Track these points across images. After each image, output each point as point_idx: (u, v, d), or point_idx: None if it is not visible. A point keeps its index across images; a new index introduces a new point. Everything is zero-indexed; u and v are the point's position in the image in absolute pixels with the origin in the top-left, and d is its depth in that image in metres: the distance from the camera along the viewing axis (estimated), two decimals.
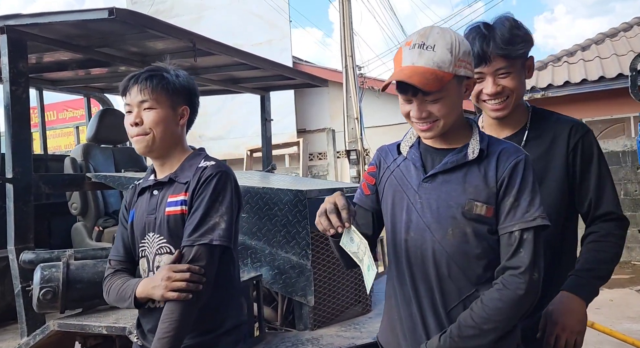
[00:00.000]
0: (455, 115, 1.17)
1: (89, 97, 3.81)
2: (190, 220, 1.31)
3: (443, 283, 1.16)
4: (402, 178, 1.23)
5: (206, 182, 1.33)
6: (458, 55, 1.12)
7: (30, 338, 1.89)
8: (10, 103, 1.92)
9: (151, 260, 1.39)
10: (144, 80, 1.35)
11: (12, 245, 1.93)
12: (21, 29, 1.94)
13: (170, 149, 1.41)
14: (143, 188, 1.45)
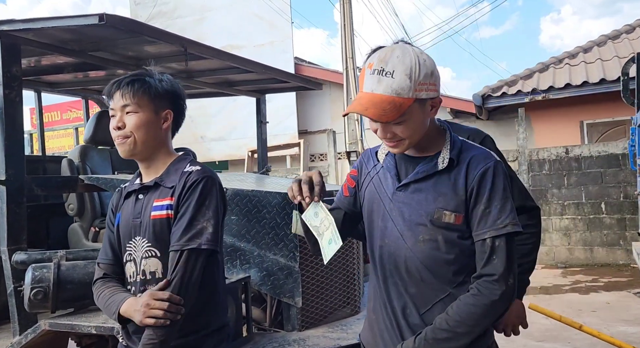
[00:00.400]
0: (420, 132, 1.19)
1: (87, 99, 3.86)
2: (178, 225, 1.34)
3: (416, 288, 1.19)
4: (380, 186, 1.26)
5: (192, 187, 1.36)
6: (418, 79, 1.12)
7: (22, 338, 1.93)
8: (4, 106, 1.96)
9: (138, 263, 1.41)
10: (126, 85, 1.38)
11: (4, 246, 1.97)
12: (14, 34, 1.98)
13: (153, 152, 1.43)
14: (129, 192, 1.47)
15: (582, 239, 6.83)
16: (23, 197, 2.02)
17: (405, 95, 1.12)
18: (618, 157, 6.64)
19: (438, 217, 1.16)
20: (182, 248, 1.31)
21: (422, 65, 1.13)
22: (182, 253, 1.31)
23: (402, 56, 1.13)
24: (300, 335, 2.05)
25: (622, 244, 6.56)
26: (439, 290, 1.18)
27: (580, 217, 6.84)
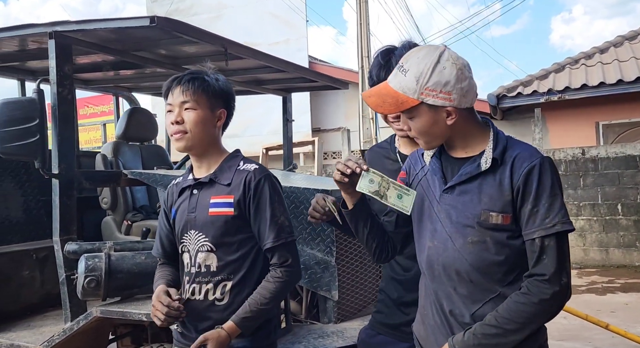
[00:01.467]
0: (432, 136, 1.22)
1: (117, 96, 3.95)
2: (261, 225, 1.45)
3: (465, 289, 1.20)
4: (428, 188, 1.28)
5: (259, 187, 1.45)
6: (425, 84, 1.16)
7: (74, 323, 2.02)
8: (57, 103, 2.06)
9: (193, 256, 1.49)
10: (186, 82, 1.45)
11: (57, 237, 2.06)
12: (67, 34, 2.08)
13: (207, 148, 1.51)
14: (183, 188, 1.55)
15: (598, 240, 6.85)
16: (74, 190, 2.12)
17: (411, 95, 1.17)
18: (635, 159, 6.64)
19: (485, 219, 1.16)
20: (273, 245, 1.43)
21: (436, 72, 1.16)
22: (286, 246, 1.45)
23: (422, 58, 1.17)
24: (337, 327, 2.12)
25: (639, 246, 6.57)
26: (488, 290, 1.18)
27: (596, 218, 6.85)
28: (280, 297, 1.50)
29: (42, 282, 2.63)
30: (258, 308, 1.40)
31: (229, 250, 1.47)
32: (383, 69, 1.50)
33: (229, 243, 1.47)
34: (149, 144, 3.74)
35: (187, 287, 1.51)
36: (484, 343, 1.14)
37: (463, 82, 1.17)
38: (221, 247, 1.46)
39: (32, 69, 2.98)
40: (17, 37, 2.24)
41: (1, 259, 2.49)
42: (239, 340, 1.44)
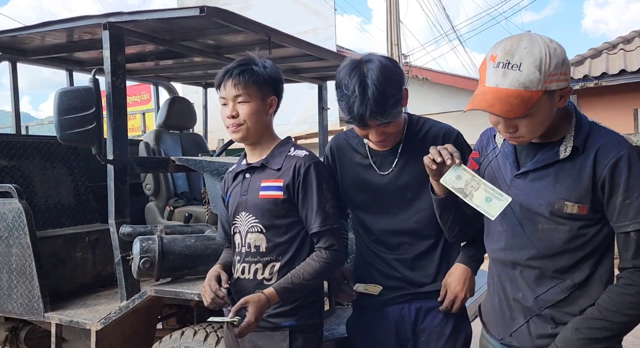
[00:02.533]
0: (545, 125, 1.13)
1: (157, 86, 4.06)
2: (308, 211, 1.50)
3: (531, 274, 1.20)
4: (498, 171, 1.25)
5: (308, 173, 1.51)
6: (548, 70, 1.06)
7: (129, 302, 2.12)
8: (111, 93, 2.14)
9: (243, 236, 1.56)
10: (237, 76, 1.49)
11: (112, 219, 2.16)
12: (120, 26, 2.15)
13: (261, 136, 1.57)
14: (237, 173, 1.62)
15: None
16: (126, 175, 2.21)
17: (534, 88, 1.07)
18: None
19: (559, 208, 1.13)
20: (319, 230, 1.49)
21: (552, 55, 1.07)
22: (331, 231, 1.50)
23: (530, 47, 1.08)
24: None
25: None
26: (554, 277, 1.18)
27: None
28: (322, 277, 1.55)
29: (93, 264, 2.76)
30: (300, 282, 1.45)
31: (278, 232, 1.53)
32: (365, 107, 1.40)
33: (278, 226, 1.53)
34: (188, 132, 3.84)
35: (238, 266, 1.58)
36: (592, 338, 1.13)
37: (566, 58, 1.11)
38: (270, 228, 1.52)
39: (80, 59, 3.10)
40: (71, 28, 2.34)
41: (57, 241, 2.62)
42: (285, 318, 1.51)
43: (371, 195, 1.60)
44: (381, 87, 1.39)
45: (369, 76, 1.40)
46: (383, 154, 1.59)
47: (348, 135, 1.68)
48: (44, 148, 2.98)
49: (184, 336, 2.08)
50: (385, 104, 1.40)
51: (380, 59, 1.44)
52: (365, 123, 1.43)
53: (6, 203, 2.41)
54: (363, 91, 1.39)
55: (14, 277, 2.41)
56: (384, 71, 1.41)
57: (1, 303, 2.47)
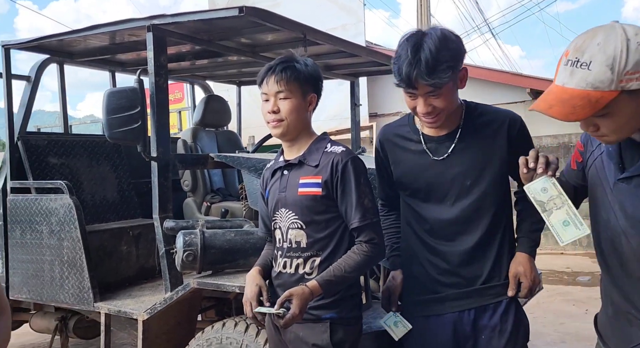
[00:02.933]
0: (631, 127, 1.04)
1: (193, 85, 4.17)
2: (348, 206, 1.51)
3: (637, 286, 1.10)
4: (602, 171, 1.15)
5: (346, 169, 1.51)
6: (624, 69, 0.96)
7: (173, 293, 2.21)
8: (155, 92, 2.23)
9: (284, 232, 1.59)
10: (280, 72, 1.52)
11: (156, 214, 2.25)
12: (162, 27, 2.24)
13: (300, 133, 1.59)
14: (275, 170, 1.65)
15: None
16: (169, 171, 2.30)
17: (606, 88, 0.97)
18: None
19: None
20: (360, 225, 1.50)
21: (632, 51, 0.96)
22: (371, 225, 1.51)
23: (604, 43, 0.98)
24: None
25: None
26: None
27: None
28: (362, 270, 1.57)
29: (137, 257, 2.88)
30: (342, 275, 1.47)
31: (317, 227, 1.55)
32: (413, 66, 1.38)
33: (317, 222, 1.54)
34: (223, 129, 3.93)
35: (280, 260, 1.61)
36: None
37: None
38: (310, 224, 1.54)
39: (123, 60, 3.22)
40: (115, 31, 2.44)
41: (103, 235, 2.75)
42: (326, 311, 1.53)
43: (427, 182, 1.57)
44: (434, 50, 1.37)
45: (426, 41, 1.39)
46: (438, 139, 1.56)
47: (398, 124, 1.69)
48: (90, 146, 3.12)
49: (225, 327, 2.15)
50: (435, 67, 1.37)
51: (443, 29, 1.45)
52: (412, 84, 1.40)
53: (57, 198, 2.55)
54: (415, 52, 1.38)
55: (65, 268, 2.55)
56: (442, 38, 1.40)
57: (54, 293, 2.61)
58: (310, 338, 1.53)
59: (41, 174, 2.85)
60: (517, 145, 1.52)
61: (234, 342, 2.09)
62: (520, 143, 1.52)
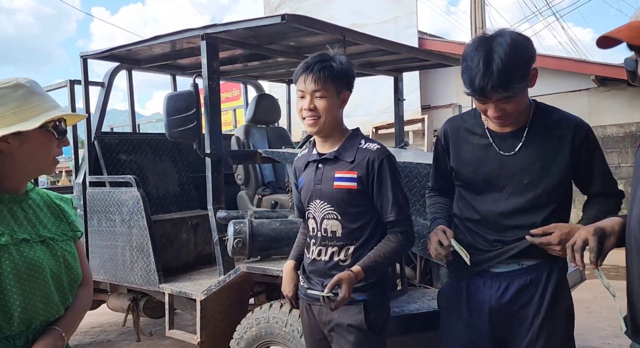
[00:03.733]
0: None
1: (245, 84, 4.44)
2: (384, 201, 1.61)
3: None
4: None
5: (382, 167, 1.60)
6: None
7: (226, 277, 2.46)
8: (208, 95, 2.47)
9: (318, 222, 1.67)
10: (317, 72, 1.57)
11: (210, 205, 2.50)
12: (215, 36, 2.47)
13: (334, 129, 1.67)
14: (308, 162, 1.72)
15: None
16: (221, 166, 2.54)
17: None
18: None
19: None
20: (396, 218, 1.60)
21: None
22: (405, 219, 1.62)
23: None
24: None
25: None
26: None
27: None
28: (397, 257, 1.69)
29: (195, 244, 3.18)
30: (381, 261, 1.59)
31: (351, 218, 1.63)
32: (487, 80, 1.39)
33: (351, 213, 1.63)
34: (274, 125, 4.16)
35: (313, 248, 1.70)
36: None
37: None
38: (345, 215, 1.63)
39: (182, 65, 3.52)
40: (174, 40, 2.71)
41: (166, 224, 3.06)
42: (360, 294, 1.63)
43: (486, 175, 1.60)
44: (507, 61, 1.37)
45: (496, 50, 1.39)
46: (503, 135, 1.58)
47: (464, 118, 1.71)
48: (154, 144, 3.46)
49: (272, 308, 2.37)
50: (509, 78, 1.38)
51: (512, 34, 1.43)
52: (486, 95, 1.42)
53: (127, 191, 2.88)
54: (488, 64, 1.38)
55: (134, 253, 2.88)
56: (512, 45, 1.39)
57: (126, 275, 2.96)
58: (346, 319, 1.62)
59: (114, 169, 3.21)
60: (580, 152, 1.55)
61: (279, 321, 2.30)
62: (584, 151, 1.56)
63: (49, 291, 1.12)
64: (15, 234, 1.10)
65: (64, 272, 1.17)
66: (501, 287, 1.58)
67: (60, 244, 1.18)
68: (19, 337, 1.08)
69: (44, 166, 1.18)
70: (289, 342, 2.26)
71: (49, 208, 1.23)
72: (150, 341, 3.98)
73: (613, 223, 1.25)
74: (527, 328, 1.56)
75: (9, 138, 1.09)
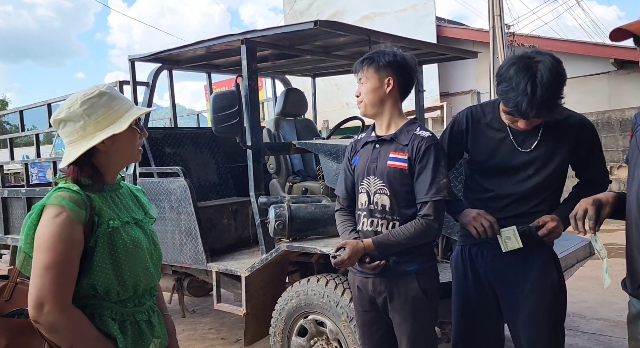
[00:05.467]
0: None
1: (274, 79, 4.71)
2: (422, 180, 1.74)
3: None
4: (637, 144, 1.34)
5: (428, 151, 1.75)
6: None
7: (268, 255, 2.77)
8: (249, 93, 2.76)
9: (372, 196, 1.83)
10: (359, 63, 1.83)
11: (252, 192, 2.81)
12: (253, 40, 2.75)
13: (380, 111, 1.83)
14: (366, 142, 1.90)
15: None
16: (261, 157, 2.84)
17: None
18: None
19: None
20: (430, 199, 1.73)
21: None
22: (432, 203, 1.73)
23: None
24: None
25: None
26: None
27: None
28: (414, 241, 1.76)
29: (235, 228, 3.50)
30: (395, 241, 1.73)
31: (400, 196, 1.78)
32: (532, 106, 1.58)
33: (400, 192, 1.78)
34: (301, 118, 4.44)
35: (364, 220, 1.84)
36: None
37: None
38: (394, 192, 1.78)
39: (217, 64, 3.82)
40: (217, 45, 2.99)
41: (209, 210, 3.38)
42: (410, 264, 1.80)
43: (499, 164, 1.82)
44: (550, 89, 1.57)
45: (539, 77, 1.57)
46: (521, 132, 1.78)
47: (484, 110, 1.88)
48: (194, 137, 3.78)
49: (310, 282, 2.67)
50: (550, 105, 1.59)
51: (551, 60, 1.61)
52: (527, 118, 1.64)
53: (175, 181, 3.20)
54: (533, 91, 1.56)
55: (183, 236, 3.21)
56: (553, 74, 1.58)
57: (175, 256, 3.30)
58: (400, 289, 1.80)
59: (160, 161, 3.54)
60: (580, 147, 1.79)
61: (317, 293, 2.60)
62: (584, 144, 1.79)
63: (147, 263, 1.38)
64: (121, 218, 1.34)
65: (152, 248, 1.43)
66: (496, 255, 1.85)
67: (147, 225, 1.45)
68: (130, 300, 1.34)
69: (132, 157, 1.39)
70: (326, 311, 2.56)
71: (130, 196, 1.48)
72: (192, 319, 4.35)
73: (608, 196, 1.48)
74: (518, 290, 1.83)
75: (104, 140, 1.29)
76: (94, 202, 1.29)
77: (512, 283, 1.85)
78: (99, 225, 1.27)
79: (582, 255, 2.81)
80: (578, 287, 4.20)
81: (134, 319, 1.34)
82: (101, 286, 1.27)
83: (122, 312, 1.32)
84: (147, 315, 1.38)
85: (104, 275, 1.27)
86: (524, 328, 1.84)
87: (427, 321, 1.86)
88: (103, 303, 1.29)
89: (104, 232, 1.27)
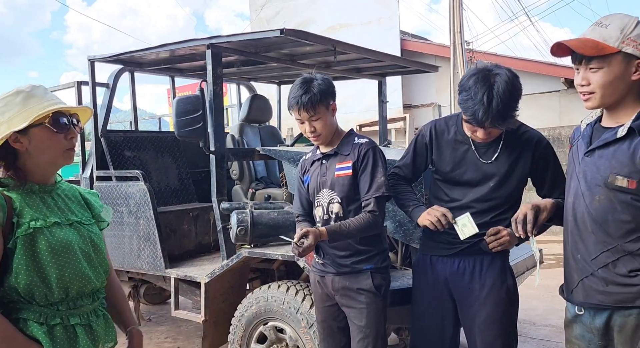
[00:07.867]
0: (615, 91, 1.32)
1: (239, 85, 4.70)
2: (364, 182, 1.92)
3: (589, 239, 1.41)
4: (576, 151, 1.49)
5: (367, 154, 1.94)
6: (628, 34, 1.27)
7: (229, 261, 2.75)
8: (213, 98, 2.75)
9: (325, 207, 2.00)
10: (306, 102, 1.87)
11: (214, 197, 2.78)
12: (219, 45, 2.74)
13: (332, 134, 2.00)
14: (314, 161, 2.08)
15: None
16: (224, 162, 2.82)
17: (611, 43, 1.28)
18: None
19: (611, 181, 1.32)
20: (371, 196, 1.91)
21: (639, 27, 1.29)
22: (374, 200, 1.91)
23: (624, 16, 1.32)
24: None
25: None
26: (606, 242, 1.37)
27: None
28: (361, 233, 1.91)
29: (196, 234, 3.45)
30: (345, 230, 1.88)
31: (350, 200, 1.96)
32: (488, 115, 1.67)
33: (349, 196, 1.95)
34: (265, 125, 4.44)
35: None
36: None
37: None
38: (345, 199, 1.96)
39: (180, 68, 3.77)
40: (182, 48, 2.97)
41: (169, 216, 3.33)
42: (365, 263, 1.97)
43: (462, 174, 1.91)
44: (505, 101, 1.65)
45: (496, 88, 1.66)
46: (483, 144, 1.88)
47: (448, 123, 1.97)
48: (155, 141, 3.71)
49: (270, 288, 2.67)
50: (505, 115, 1.68)
51: (507, 74, 1.70)
52: (483, 127, 1.73)
53: (134, 185, 3.13)
54: (489, 101, 1.65)
55: (141, 242, 3.14)
56: (509, 86, 1.67)
57: (132, 262, 3.21)
58: (355, 284, 1.96)
59: (119, 164, 3.46)
60: (538, 161, 1.88)
61: (277, 300, 2.60)
62: (541, 160, 1.88)
63: (80, 265, 1.33)
64: (48, 218, 1.28)
65: (91, 250, 1.38)
66: (455, 261, 1.95)
67: (87, 227, 1.40)
68: (61, 303, 1.30)
69: (55, 158, 1.32)
70: (286, 317, 2.56)
71: (75, 199, 1.44)
72: (148, 327, 4.23)
73: (546, 202, 1.64)
74: (475, 296, 1.93)
75: (21, 138, 1.25)
76: (15, 202, 1.26)
77: (470, 289, 1.93)
78: (19, 226, 1.24)
79: (531, 263, 2.94)
80: (528, 294, 4.38)
81: (68, 323, 1.30)
82: (23, 289, 1.23)
83: (54, 315, 1.27)
84: (87, 319, 1.34)
85: (26, 277, 1.23)
86: (480, 333, 1.92)
87: (379, 314, 1.98)
88: (29, 307, 1.25)
89: (24, 232, 1.24)
